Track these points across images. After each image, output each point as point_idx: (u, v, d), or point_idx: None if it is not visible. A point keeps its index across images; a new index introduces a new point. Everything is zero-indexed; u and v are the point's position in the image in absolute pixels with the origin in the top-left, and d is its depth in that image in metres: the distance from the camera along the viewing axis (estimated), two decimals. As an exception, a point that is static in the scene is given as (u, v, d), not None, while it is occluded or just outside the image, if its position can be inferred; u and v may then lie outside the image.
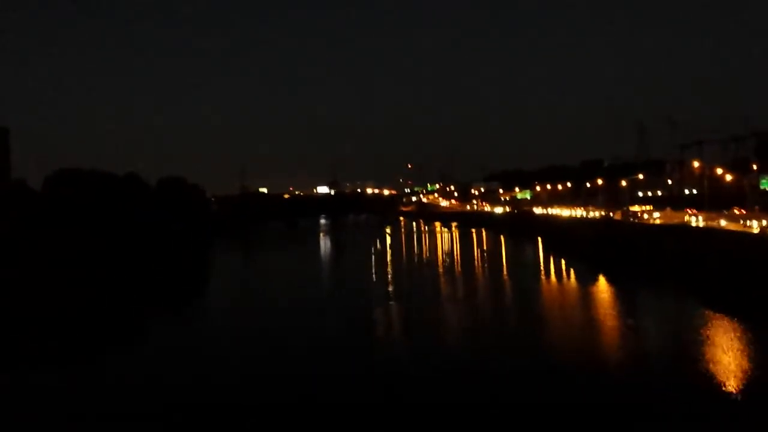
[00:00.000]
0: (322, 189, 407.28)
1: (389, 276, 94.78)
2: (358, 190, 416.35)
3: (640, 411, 32.84)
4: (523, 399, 35.59)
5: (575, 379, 38.96)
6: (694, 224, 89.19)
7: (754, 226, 76.02)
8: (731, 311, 54.88)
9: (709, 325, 51.57)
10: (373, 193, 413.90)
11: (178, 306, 75.12)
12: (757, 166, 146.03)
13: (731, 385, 36.31)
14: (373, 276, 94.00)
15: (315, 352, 48.11)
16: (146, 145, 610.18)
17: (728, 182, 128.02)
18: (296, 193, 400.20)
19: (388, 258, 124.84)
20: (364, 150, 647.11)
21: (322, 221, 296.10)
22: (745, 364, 40.57)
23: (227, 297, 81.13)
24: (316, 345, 50.63)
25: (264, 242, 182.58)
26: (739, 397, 34.48)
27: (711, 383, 36.72)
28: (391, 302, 70.44)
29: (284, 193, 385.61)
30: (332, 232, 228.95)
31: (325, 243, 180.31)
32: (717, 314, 54.77)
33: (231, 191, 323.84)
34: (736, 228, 77.03)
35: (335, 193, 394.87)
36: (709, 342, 46.24)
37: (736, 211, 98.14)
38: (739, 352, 43.31)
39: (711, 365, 40.33)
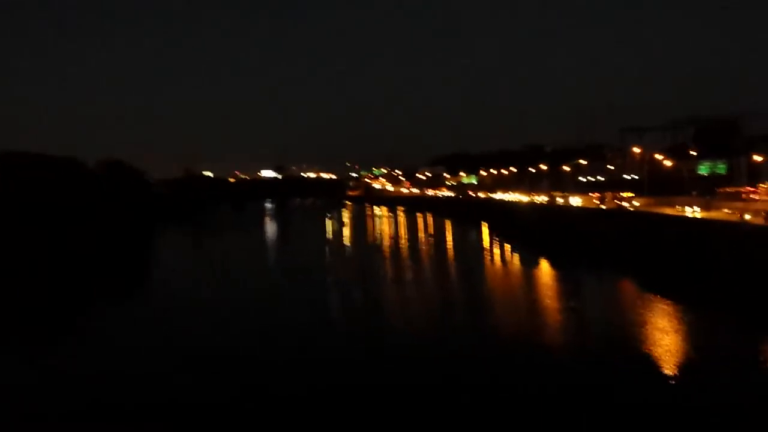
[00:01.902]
0: (268, 173, 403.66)
1: (335, 260, 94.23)
2: (305, 174, 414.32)
3: (581, 391, 33.08)
4: (463, 379, 35.49)
5: (514, 359, 39.29)
6: (690, 215, 79.41)
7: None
8: (672, 294, 56.07)
9: (649, 307, 52.55)
10: (320, 177, 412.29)
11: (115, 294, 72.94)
12: (696, 152, 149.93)
13: (668, 364, 36.99)
14: (319, 260, 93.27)
15: (262, 336, 47.40)
16: (87, 128, 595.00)
17: (667, 168, 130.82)
18: (242, 176, 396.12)
19: (335, 241, 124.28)
20: (310, 134, 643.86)
21: (268, 205, 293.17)
22: (682, 344, 41.45)
23: (165, 290, 77.20)
24: (262, 330, 49.83)
25: (209, 226, 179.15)
26: (676, 376, 35.20)
27: (648, 363, 37.36)
28: (337, 286, 70.13)
29: (230, 177, 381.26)
30: (278, 215, 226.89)
31: (271, 227, 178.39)
32: (657, 297, 55.93)
33: (175, 175, 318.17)
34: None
35: (281, 177, 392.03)
36: (647, 323, 47.08)
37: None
38: (676, 333, 44.28)
39: (647, 345, 41.05)
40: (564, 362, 38.99)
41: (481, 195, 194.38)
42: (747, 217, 67.02)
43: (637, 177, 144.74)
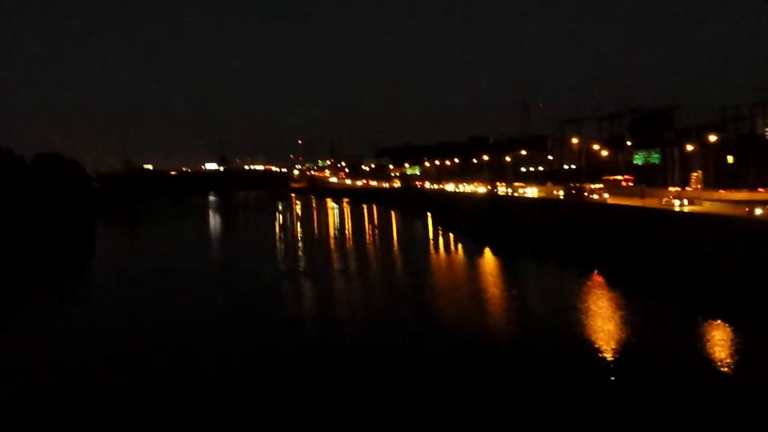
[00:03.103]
0: (211, 165, 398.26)
1: (281, 251, 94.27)
2: (248, 167, 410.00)
3: (527, 377, 34.16)
4: (410, 368, 36.15)
5: (459, 347, 40.06)
6: (677, 208, 70.84)
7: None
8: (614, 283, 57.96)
9: (590, 294, 54.39)
10: (264, 169, 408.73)
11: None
12: (631, 143, 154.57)
13: (608, 349, 38.53)
14: (266, 251, 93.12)
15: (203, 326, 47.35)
16: (25, 120, 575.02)
17: (604, 158, 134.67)
18: (184, 169, 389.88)
19: (280, 233, 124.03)
20: (254, 126, 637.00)
21: (212, 198, 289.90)
22: (621, 330, 43.21)
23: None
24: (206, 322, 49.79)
25: (150, 220, 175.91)
26: (615, 360, 36.67)
27: (590, 348, 38.68)
28: (284, 277, 70.34)
29: (172, 170, 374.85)
30: (222, 209, 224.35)
31: (215, 220, 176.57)
32: (591, 282, 57.90)
33: (115, 168, 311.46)
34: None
35: (225, 169, 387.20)
36: (588, 310, 48.75)
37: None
38: (617, 320, 46.09)
39: (590, 332, 42.69)
40: (499, 348, 40.30)
41: (432, 186, 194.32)
42: (758, 212, 56.77)
43: (575, 167, 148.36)
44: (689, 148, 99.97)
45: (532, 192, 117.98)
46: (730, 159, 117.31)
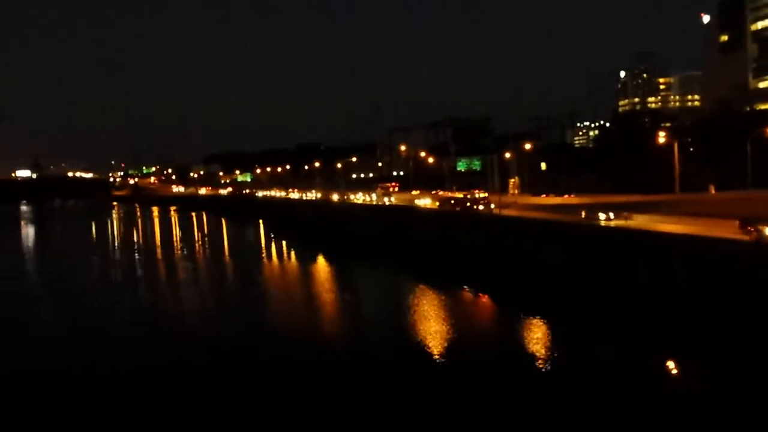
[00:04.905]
0: (23, 173, 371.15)
1: (101, 263, 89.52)
2: (71, 174, 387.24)
3: (362, 377, 34.73)
4: (245, 374, 35.99)
5: (293, 353, 40.12)
6: (603, 223, 59.32)
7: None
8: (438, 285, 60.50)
9: (418, 296, 56.31)
10: (89, 177, 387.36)
11: None
12: (455, 150, 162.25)
13: (436, 344, 40.24)
14: (84, 265, 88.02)
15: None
16: None
17: (431, 164, 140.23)
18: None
19: (101, 245, 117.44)
20: (72, 132, 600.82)
21: (24, 208, 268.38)
22: (446, 326, 45.30)
23: None
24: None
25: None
26: (443, 355, 38.36)
27: (420, 345, 40.18)
28: (110, 290, 67.12)
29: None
30: (36, 220, 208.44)
31: (27, 231, 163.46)
32: (425, 287, 60.03)
33: None
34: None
35: (38, 176, 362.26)
36: (418, 310, 50.55)
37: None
38: (442, 316, 48.32)
39: (419, 330, 44.31)
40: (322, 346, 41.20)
41: (266, 193, 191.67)
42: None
43: (403, 173, 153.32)
44: (507, 155, 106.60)
45: (391, 200, 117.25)
46: (543, 166, 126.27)
